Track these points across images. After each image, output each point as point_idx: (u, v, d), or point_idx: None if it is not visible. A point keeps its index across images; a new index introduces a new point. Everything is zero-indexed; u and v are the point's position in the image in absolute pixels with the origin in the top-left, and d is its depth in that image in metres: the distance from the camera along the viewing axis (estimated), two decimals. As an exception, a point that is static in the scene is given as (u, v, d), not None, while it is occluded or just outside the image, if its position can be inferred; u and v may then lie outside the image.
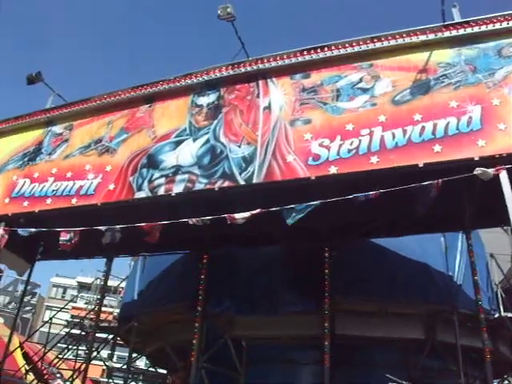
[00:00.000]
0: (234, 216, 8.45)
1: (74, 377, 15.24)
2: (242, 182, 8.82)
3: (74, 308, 37.34)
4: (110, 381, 17.68)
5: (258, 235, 11.80)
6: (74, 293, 59.70)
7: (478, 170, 7.45)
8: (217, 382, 12.31)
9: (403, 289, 11.94)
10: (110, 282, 16.94)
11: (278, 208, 8.14)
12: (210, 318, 12.16)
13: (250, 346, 13.37)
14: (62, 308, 23.02)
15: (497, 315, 13.07)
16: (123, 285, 21.34)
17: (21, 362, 17.36)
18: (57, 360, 16.99)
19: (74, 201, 10.51)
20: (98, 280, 21.38)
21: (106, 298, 17.72)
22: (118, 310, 21.99)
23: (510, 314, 13.22)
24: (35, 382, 16.27)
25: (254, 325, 12.69)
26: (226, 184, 8.94)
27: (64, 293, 70.29)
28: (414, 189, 7.65)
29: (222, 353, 12.62)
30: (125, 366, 16.87)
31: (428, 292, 12.13)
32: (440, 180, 7.54)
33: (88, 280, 49.10)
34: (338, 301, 11.24)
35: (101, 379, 40.09)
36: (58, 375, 9.07)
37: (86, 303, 19.79)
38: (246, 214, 8.40)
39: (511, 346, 13.99)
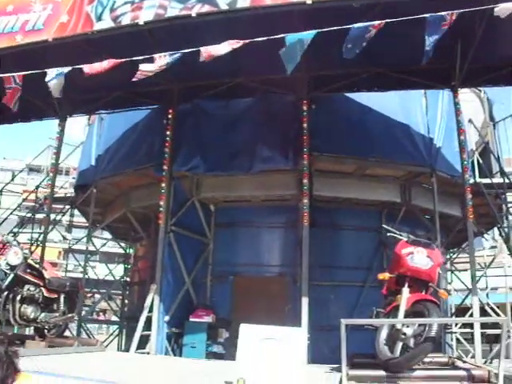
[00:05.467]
0: (210, 51, 7.20)
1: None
2: (225, 7, 7.51)
3: (25, 191, 35.82)
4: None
5: (230, 87, 10.78)
6: (24, 176, 57.66)
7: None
8: (185, 246, 11.65)
9: (383, 148, 11.30)
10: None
11: (265, 38, 6.96)
12: (176, 178, 11.29)
13: (218, 210, 12.78)
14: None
15: (472, 181, 12.66)
16: (74, 164, 19.97)
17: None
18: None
19: (18, 38, 8.87)
20: (51, 153, 19.67)
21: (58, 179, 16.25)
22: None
23: (484, 180, 12.89)
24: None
25: (224, 185, 11.94)
26: (205, 9, 7.56)
27: (13, 176, 67.57)
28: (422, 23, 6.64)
29: (190, 217, 11.95)
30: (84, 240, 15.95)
31: (408, 153, 11.52)
32: (454, 12, 6.54)
33: (38, 162, 47.11)
34: (315, 158, 10.49)
35: (58, 261, 39.53)
36: (15, 243, 7.93)
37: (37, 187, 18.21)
38: (225, 48, 7.19)
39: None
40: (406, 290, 5.94)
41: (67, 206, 16.42)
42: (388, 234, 6.65)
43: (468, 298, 11.78)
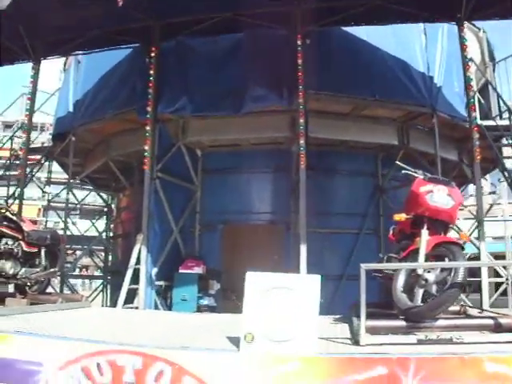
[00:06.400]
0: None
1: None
2: None
3: (0, 149, 34.60)
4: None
5: (217, 22, 9.98)
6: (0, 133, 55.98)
7: None
8: (172, 194, 10.99)
9: (381, 87, 10.59)
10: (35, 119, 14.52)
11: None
12: (161, 122, 10.61)
13: (205, 155, 12.11)
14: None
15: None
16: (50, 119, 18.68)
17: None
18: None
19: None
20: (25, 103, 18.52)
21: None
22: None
23: (486, 122, 12.27)
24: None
25: (212, 128, 11.15)
26: None
27: (-11, 135, 65.87)
28: None
29: (176, 163, 11.26)
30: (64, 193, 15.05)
31: (408, 92, 10.81)
32: None
33: (14, 118, 45.56)
34: (310, 97, 9.77)
35: (37, 218, 38.50)
36: None
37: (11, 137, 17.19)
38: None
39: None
40: (425, 232, 5.32)
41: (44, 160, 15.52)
42: (402, 172, 5.95)
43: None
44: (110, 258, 17.04)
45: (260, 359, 4.10)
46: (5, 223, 7.02)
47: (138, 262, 9.52)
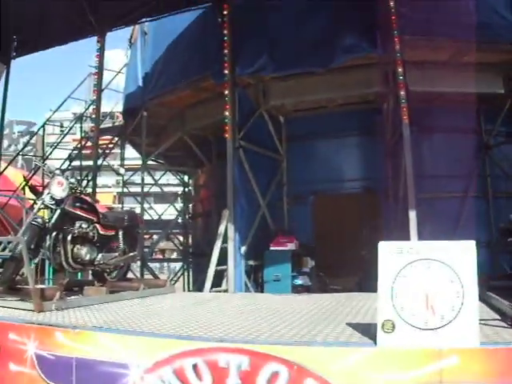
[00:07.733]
0: None
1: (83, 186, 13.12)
2: None
3: (74, 140, 35.59)
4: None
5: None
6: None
7: None
8: (256, 165, 10.23)
9: (484, 28, 9.08)
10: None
11: None
12: (240, 87, 9.78)
13: (289, 121, 11.17)
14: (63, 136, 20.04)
15: None
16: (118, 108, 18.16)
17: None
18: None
19: None
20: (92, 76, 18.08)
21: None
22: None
23: None
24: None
25: (295, 90, 10.14)
26: None
27: (62, 127, 67.73)
28: None
29: (259, 131, 10.42)
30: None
31: (514, 30, 9.40)
32: None
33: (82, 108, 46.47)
34: (406, 45, 8.60)
35: (113, 205, 38.99)
36: (58, 172, 6.41)
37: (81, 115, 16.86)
38: None
39: None
40: None
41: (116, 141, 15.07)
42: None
43: None
44: (189, 240, 16.53)
45: (405, 354, 3.20)
46: (77, 204, 6.30)
47: (224, 240, 8.72)
